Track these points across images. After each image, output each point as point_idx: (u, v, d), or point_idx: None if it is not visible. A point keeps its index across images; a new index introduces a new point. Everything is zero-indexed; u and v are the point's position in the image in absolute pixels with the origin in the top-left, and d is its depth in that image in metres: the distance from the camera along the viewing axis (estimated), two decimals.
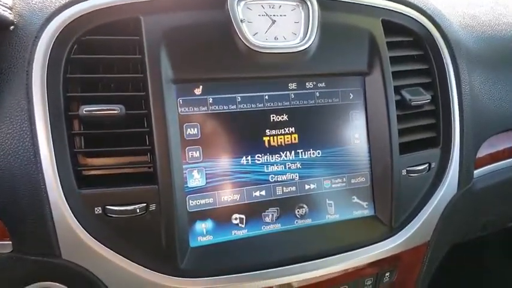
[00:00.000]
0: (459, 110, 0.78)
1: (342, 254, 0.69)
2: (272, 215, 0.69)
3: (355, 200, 0.74)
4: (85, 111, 0.57)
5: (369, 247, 0.71)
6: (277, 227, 0.69)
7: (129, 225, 0.58)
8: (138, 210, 0.58)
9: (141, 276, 0.58)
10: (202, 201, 0.65)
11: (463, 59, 0.80)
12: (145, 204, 0.59)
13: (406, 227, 0.73)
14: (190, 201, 0.64)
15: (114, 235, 0.58)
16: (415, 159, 0.75)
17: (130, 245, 0.59)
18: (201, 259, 0.63)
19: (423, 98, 0.75)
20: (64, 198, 0.55)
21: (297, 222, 0.70)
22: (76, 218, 0.56)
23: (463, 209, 0.80)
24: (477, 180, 0.82)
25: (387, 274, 0.74)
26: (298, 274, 0.66)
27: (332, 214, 0.72)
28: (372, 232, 0.73)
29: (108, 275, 0.58)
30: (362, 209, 0.74)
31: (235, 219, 0.67)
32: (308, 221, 0.71)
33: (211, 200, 0.65)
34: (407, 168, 0.74)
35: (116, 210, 0.58)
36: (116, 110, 0.58)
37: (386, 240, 0.72)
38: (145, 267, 0.59)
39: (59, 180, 0.55)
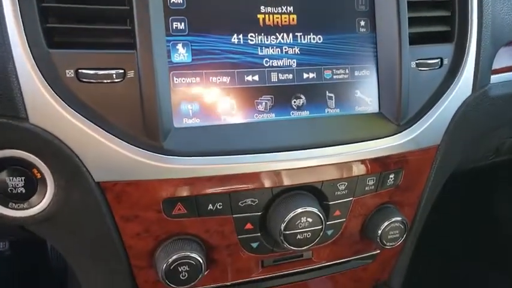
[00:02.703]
0: (478, 5, 0.71)
1: (342, 146, 0.63)
2: (266, 103, 0.63)
3: (358, 94, 0.67)
4: None
5: (371, 141, 0.64)
6: (271, 116, 0.63)
7: (104, 92, 0.53)
8: (114, 76, 0.52)
9: (117, 149, 0.53)
10: (188, 80, 0.58)
11: None
12: (122, 71, 0.53)
13: (414, 125, 0.67)
14: (175, 78, 0.58)
15: (88, 102, 0.52)
16: (426, 52, 0.68)
17: (106, 115, 0.53)
18: (185, 139, 0.57)
19: None
20: (31, 56, 0.49)
21: (293, 113, 0.64)
22: (45, 79, 0.50)
23: (476, 116, 0.73)
24: (493, 86, 0.75)
25: (391, 176, 0.68)
26: (292, 161, 0.60)
27: (332, 108, 0.66)
28: (376, 128, 0.66)
29: (80, 145, 0.52)
30: (365, 105, 0.68)
31: (225, 103, 0.61)
32: (305, 113, 0.65)
33: (198, 80, 0.59)
34: (417, 61, 0.67)
35: (89, 74, 0.52)
36: None
37: (392, 137, 0.65)
38: (122, 140, 0.54)
39: (24, 35, 0.49)
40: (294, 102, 0.64)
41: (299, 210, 0.60)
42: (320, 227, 0.62)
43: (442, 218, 1.32)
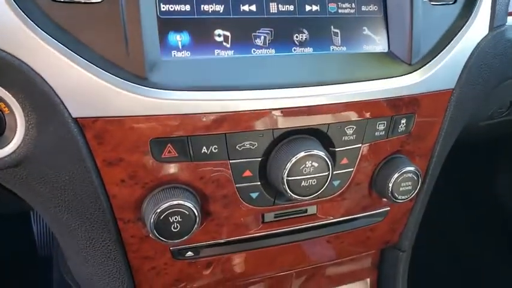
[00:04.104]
0: None
1: (350, 83, 0.57)
2: (264, 37, 0.56)
3: (366, 32, 0.61)
4: None
5: (382, 80, 0.58)
6: (271, 52, 0.56)
7: (81, 15, 0.46)
8: None
9: (96, 79, 0.46)
10: (177, 8, 0.52)
11: None
12: None
13: (427, 65, 0.60)
14: (162, 5, 0.51)
15: (63, 25, 0.46)
16: None
17: (83, 40, 0.46)
18: (174, 73, 0.51)
19: None
20: None
21: (295, 50, 0.57)
22: None
23: (492, 60, 0.67)
24: (510, 27, 0.69)
25: (403, 121, 0.62)
26: (295, 99, 0.53)
27: (338, 45, 0.60)
28: (386, 68, 0.60)
29: (53, 73, 0.45)
30: (374, 44, 0.61)
31: (219, 35, 0.54)
32: (309, 50, 0.58)
33: (188, 8, 0.52)
34: None
35: None
36: None
37: (403, 77, 0.59)
38: (102, 69, 0.47)
39: None
40: (296, 37, 0.58)
41: (304, 153, 0.54)
42: (327, 173, 0.56)
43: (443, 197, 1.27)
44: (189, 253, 0.60)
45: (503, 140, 1.52)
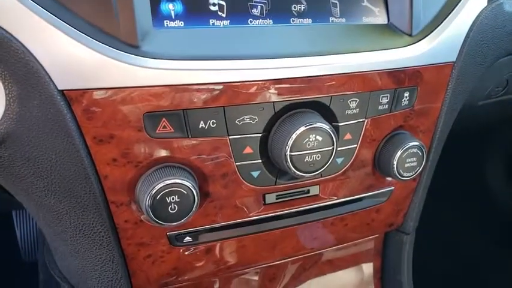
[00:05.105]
0: None
1: (352, 54, 0.54)
2: (261, 7, 0.54)
3: (365, 3, 0.59)
4: None
5: (384, 51, 0.56)
6: (269, 22, 0.54)
7: None
8: None
9: (84, 47, 0.42)
10: None
11: None
12: None
13: (428, 36, 0.59)
14: None
15: None
16: None
17: (68, 5, 0.43)
18: (168, 42, 0.47)
19: None
20: None
21: (293, 20, 0.55)
22: None
23: (491, 33, 0.66)
24: (507, 1, 0.68)
25: (406, 94, 0.59)
26: (295, 69, 0.50)
27: (337, 17, 0.57)
28: (387, 40, 0.58)
29: (36, 40, 0.41)
30: (373, 16, 0.59)
31: (214, 5, 0.51)
32: (307, 21, 0.56)
33: None
34: None
35: None
36: None
37: (406, 48, 0.57)
38: (89, 36, 0.43)
39: None
40: (294, 7, 0.55)
41: (307, 126, 0.51)
42: (331, 147, 0.53)
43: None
44: (188, 238, 0.56)
45: (494, 130, 1.53)
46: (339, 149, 0.56)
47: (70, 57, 0.43)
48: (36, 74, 0.43)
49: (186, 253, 0.58)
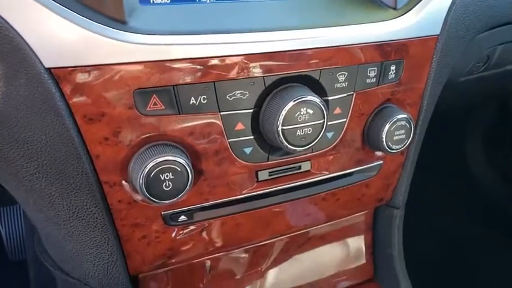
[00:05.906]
0: None
1: (339, 27, 0.55)
2: None
3: None
4: None
5: (370, 24, 0.57)
6: None
7: None
8: None
9: (70, 24, 0.42)
10: None
11: None
12: None
13: (413, 9, 0.59)
14: None
15: None
16: None
17: None
18: (155, 17, 0.47)
19: None
20: None
21: None
22: None
23: (473, 7, 0.67)
24: None
25: (392, 68, 0.60)
26: (283, 42, 0.51)
27: None
28: (373, 14, 0.58)
29: (19, 16, 0.40)
30: None
31: None
32: None
33: None
34: None
35: None
36: None
37: (391, 20, 0.58)
38: (74, 11, 0.43)
39: None
40: None
41: (298, 99, 0.51)
42: (322, 121, 0.54)
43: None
44: (182, 217, 0.56)
45: (475, 110, 1.56)
46: (329, 123, 0.56)
47: (56, 34, 0.43)
48: (21, 52, 0.42)
49: (181, 233, 0.58)
